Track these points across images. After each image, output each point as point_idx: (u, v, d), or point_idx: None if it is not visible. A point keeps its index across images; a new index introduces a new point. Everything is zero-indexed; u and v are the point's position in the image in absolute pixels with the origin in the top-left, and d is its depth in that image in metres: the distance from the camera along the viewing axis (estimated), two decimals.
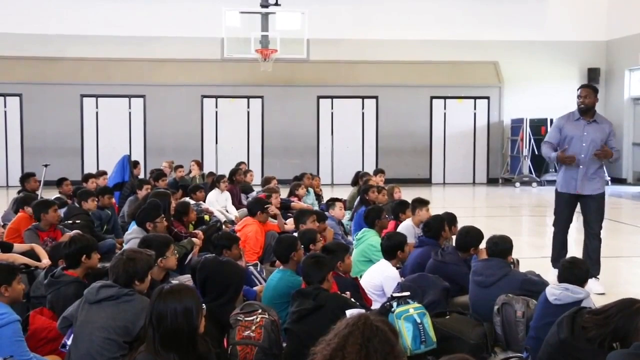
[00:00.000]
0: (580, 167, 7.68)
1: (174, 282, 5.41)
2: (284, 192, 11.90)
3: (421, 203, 8.17)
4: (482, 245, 6.30)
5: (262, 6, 17.48)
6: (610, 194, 18.55)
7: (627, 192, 18.88)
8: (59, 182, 11.20)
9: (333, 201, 9.51)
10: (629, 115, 21.31)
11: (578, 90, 7.95)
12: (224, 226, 9.66)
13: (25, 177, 11.27)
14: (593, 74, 21.86)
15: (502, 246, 5.88)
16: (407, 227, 7.93)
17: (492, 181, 21.65)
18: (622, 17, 21.35)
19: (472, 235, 6.52)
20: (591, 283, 6.98)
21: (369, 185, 10.59)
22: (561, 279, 4.97)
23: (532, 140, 20.37)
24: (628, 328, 3.80)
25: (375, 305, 5.72)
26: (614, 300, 4.10)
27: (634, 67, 21.03)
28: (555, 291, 4.83)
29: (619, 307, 3.97)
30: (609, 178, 20.50)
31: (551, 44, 21.69)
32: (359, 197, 11.04)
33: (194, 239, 7.61)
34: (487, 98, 21.66)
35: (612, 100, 21.89)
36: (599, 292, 7.28)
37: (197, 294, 3.64)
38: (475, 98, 21.63)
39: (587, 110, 7.76)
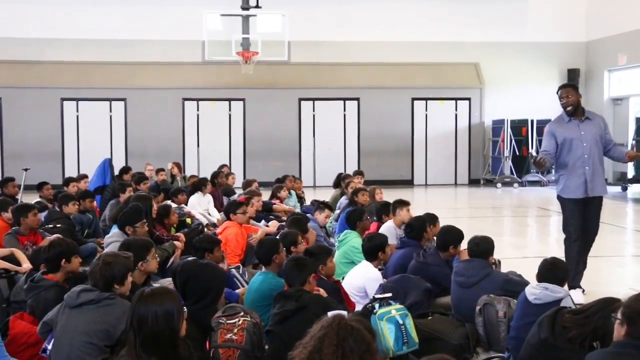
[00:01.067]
0: (587, 168, 7.20)
1: (156, 285, 5.39)
2: (266, 195, 11.91)
3: (402, 204, 8.18)
4: (464, 245, 6.32)
5: (243, 8, 17.46)
6: None
7: (608, 192, 19.00)
8: (40, 186, 11.12)
9: (324, 206, 9.37)
10: (609, 116, 21.42)
11: (558, 92, 7.44)
12: (205, 229, 9.62)
13: (4, 182, 11.17)
14: (573, 75, 22.02)
15: (483, 247, 5.91)
16: (389, 228, 7.95)
17: (473, 182, 21.74)
18: (601, 18, 21.53)
19: (451, 234, 6.54)
20: (576, 292, 6.94)
21: (358, 188, 10.58)
22: (541, 278, 5.00)
23: (513, 141, 20.51)
24: (607, 327, 3.82)
25: (358, 307, 5.72)
26: (593, 300, 4.15)
27: (613, 68, 21.22)
28: (535, 291, 4.86)
29: (599, 307, 4.00)
30: None
31: (531, 45, 21.84)
32: (344, 199, 11.09)
33: (175, 242, 7.58)
34: (469, 99, 21.76)
35: (592, 101, 22.03)
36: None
37: (178, 297, 3.62)
38: (456, 99, 21.73)
39: (575, 110, 7.27)
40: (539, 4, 21.88)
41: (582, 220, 7.35)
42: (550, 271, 5.01)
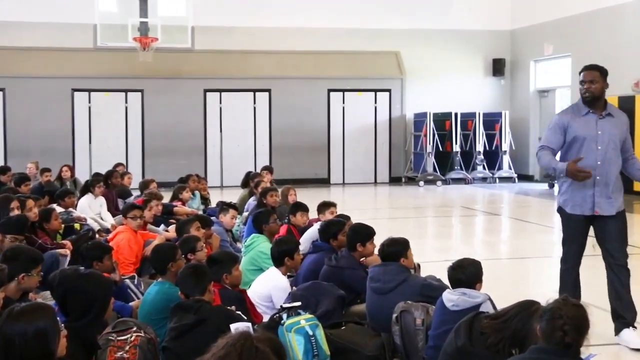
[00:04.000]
0: (597, 177, 6.11)
1: (38, 299, 5.23)
2: (167, 196, 11.80)
3: (325, 206, 8.32)
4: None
5: None
6: (517, 191, 19.32)
7: (535, 190, 19.66)
8: None
9: (227, 206, 9.36)
10: (535, 108, 22.19)
11: (580, 74, 6.27)
12: (97, 235, 9.41)
13: None
14: (498, 65, 22.66)
15: (388, 249, 5.93)
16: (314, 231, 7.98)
17: (394, 180, 22.06)
18: (526, 4, 22.20)
19: (358, 231, 6.64)
20: (627, 334, 6.16)
21: (267, 188, 10.57)
22: (453, 285, 5.09)
23: (437, 136, 20.90)
24: (526, 331, 3.92)
25: (266, 318, 5.71)
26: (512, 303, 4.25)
27: (539, 58, 21.91)
28: (452, 297, 4.93)
29: (517, 310, 4.10)
30: (516, 175, 21.31)
31: (454, 33, 22.29)
32: (253, 200, 11.08)
33: (59, 251, 7.37)
34: (389, 91, 22.06)
35: (518, 93, 22.75)
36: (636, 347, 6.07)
37: (54, 313, 3.51)
38: (375, 91, 21.99)
39: (594, 100, 6.18)
40: None
41: (584, 243, 6.39)
42: (453, 276, 5.08)
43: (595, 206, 6.17)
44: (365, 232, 6.64)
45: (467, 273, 5.05)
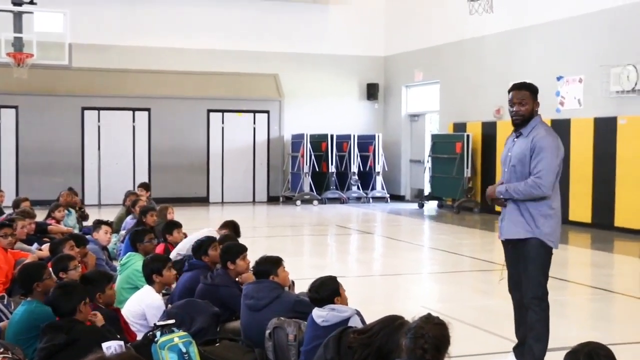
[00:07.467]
0: (505, 200, 5.69)
1: None
2: (42, 215, 11.45)
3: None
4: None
5: (15, 4, 16.55)
6: (389, 211, 19.75)
7: (405, 210, 20.14)
8: None
9: (99, 223, 9.20)
10: (406, 131, 22.80)
11: (509, 93, 5.65)
12: None
13: None
14: (372, 90, 23.15)
15: (259, 267, 5.99)
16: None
17: (272, 199, 22.09)
18: (398, 33, 22.81)
19: (227, 250, 6.68)
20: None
21: (147, 208, 10.43)
22: (315, 304, 5.15)
23: (313, 157, 21.10)
24: (391, 345, 4.01)
25: (140, 336, 5.61)
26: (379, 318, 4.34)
27: (410, 84, 22.55)
28: (322, 313, 4.99)
29: (382, 325, 4.18)
30: (388, 195, 21.77)
31: (331, 58, 22.68)
32: (130, 219, 10.89)
33: None
34: (267, 112, 22.13)
35: (391, 117, 23.32)
36: None
37: None
38: (254, 112, 22.01)
39: (522, 124, 5.60)
40: (339, 17, 22.81)
41: (513, 268, 5.75)
42: (310, 296, 5.19)
43: (501, 230, 5.74)
44: (233, 250, 6.66)
45: (320, 292, 5.14)
